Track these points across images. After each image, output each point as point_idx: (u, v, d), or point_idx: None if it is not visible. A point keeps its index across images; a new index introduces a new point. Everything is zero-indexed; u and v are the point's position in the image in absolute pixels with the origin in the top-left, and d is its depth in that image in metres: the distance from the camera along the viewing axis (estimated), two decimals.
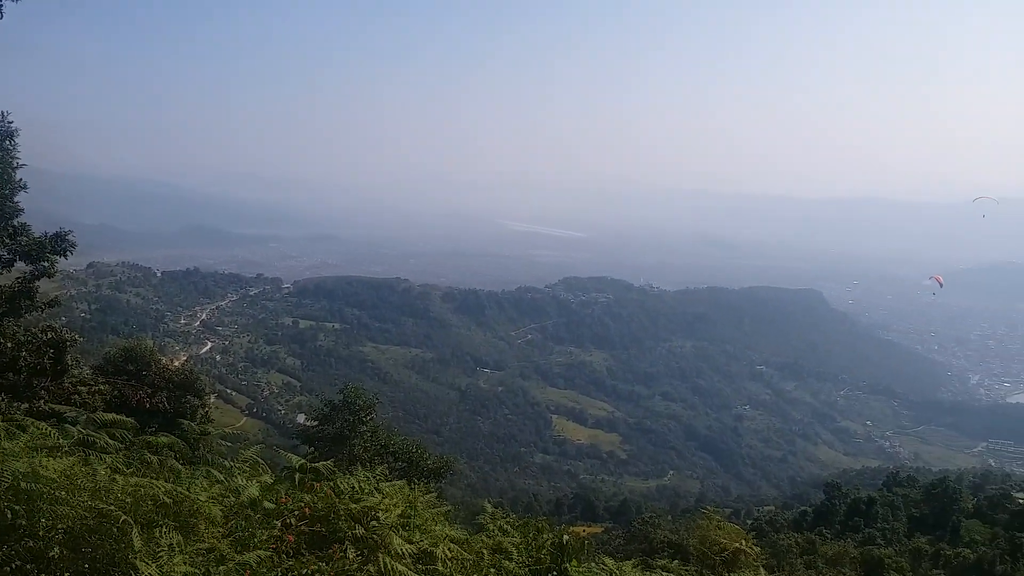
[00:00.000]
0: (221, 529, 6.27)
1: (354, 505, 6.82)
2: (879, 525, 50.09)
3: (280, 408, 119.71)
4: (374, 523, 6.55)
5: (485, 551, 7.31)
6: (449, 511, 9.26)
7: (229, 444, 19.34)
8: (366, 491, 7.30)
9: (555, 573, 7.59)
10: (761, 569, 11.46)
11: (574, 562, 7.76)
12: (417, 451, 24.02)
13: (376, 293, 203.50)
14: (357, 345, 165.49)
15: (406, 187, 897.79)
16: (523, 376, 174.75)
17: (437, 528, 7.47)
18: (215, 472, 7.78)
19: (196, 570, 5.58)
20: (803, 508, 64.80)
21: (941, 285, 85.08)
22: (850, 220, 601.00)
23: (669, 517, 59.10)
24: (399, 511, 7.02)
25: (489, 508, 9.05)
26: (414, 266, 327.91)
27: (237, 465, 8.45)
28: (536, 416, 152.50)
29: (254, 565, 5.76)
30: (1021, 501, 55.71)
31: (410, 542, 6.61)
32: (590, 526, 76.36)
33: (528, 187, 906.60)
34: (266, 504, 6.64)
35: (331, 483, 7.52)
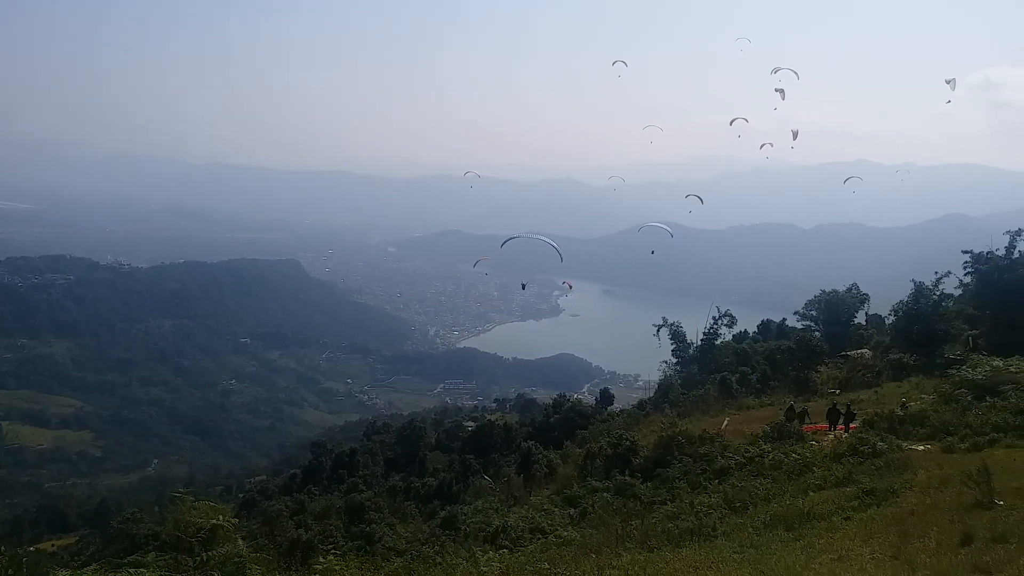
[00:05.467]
0: None
1: None
2: (361, 472, 54.63)
3: None
4: None
5: None
6: None
7: None
8: None
9: None
10: (240, 541, 11.43)
11: None
12: None
13: None
14: None
15: None
16: None
17: None
18: None
19: None
20: (293, 471, 67.24)
21: (571, 287, 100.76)
22: (324, 191, 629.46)
23: (156, 508, 55.65)
24: None
25: None
26: None
27: None
28: None
29: None
30: (470, 427, 66.74)
31: None
32: (60, 538, 67.48)
33: None
34: None
35: None
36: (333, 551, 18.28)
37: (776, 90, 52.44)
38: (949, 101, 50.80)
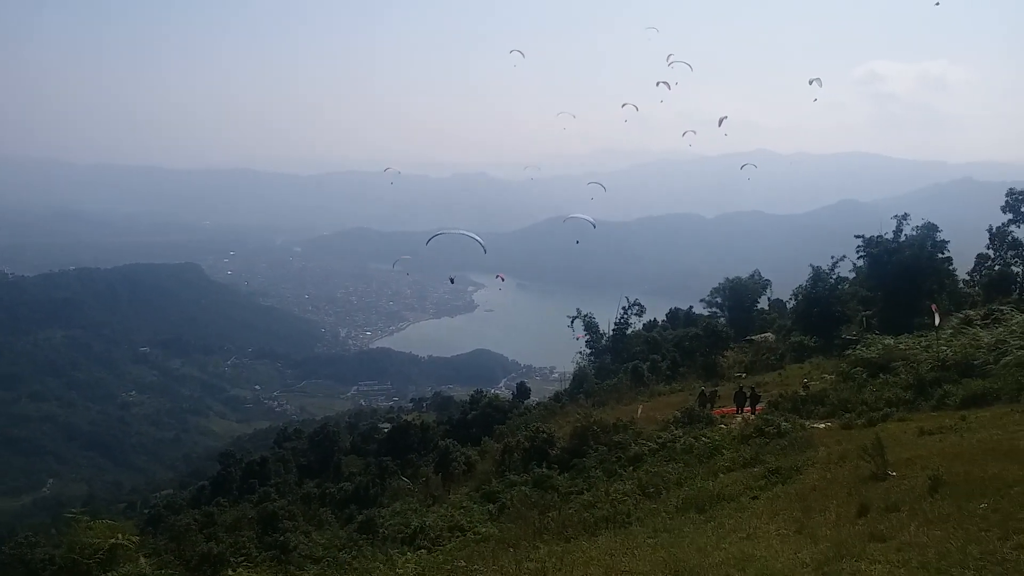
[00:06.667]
0: None
1: None
2: (273, 481, 53.10)
3: None
4: None
5: None
6: None
7: None
8: None
9: None
10: (142, 559, 10.84)
11: None
12: None
13: None
14: None
15: None
16: None
17: None
18: None
19: None
20: (201, 483, 64.86)
21: (503, 279, 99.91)
22: (224, 191, 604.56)
23: (53, 531, 52.83)
24: None
25: None
26: None
27: None
28: None
29: None
30: (385, 429, 65.85)
31: None
32: None
33: None
34: None
35: None
36: (245, 563, 17.67)
37: (659, 83, 53.92)
38: (816, 99, 53.49)
